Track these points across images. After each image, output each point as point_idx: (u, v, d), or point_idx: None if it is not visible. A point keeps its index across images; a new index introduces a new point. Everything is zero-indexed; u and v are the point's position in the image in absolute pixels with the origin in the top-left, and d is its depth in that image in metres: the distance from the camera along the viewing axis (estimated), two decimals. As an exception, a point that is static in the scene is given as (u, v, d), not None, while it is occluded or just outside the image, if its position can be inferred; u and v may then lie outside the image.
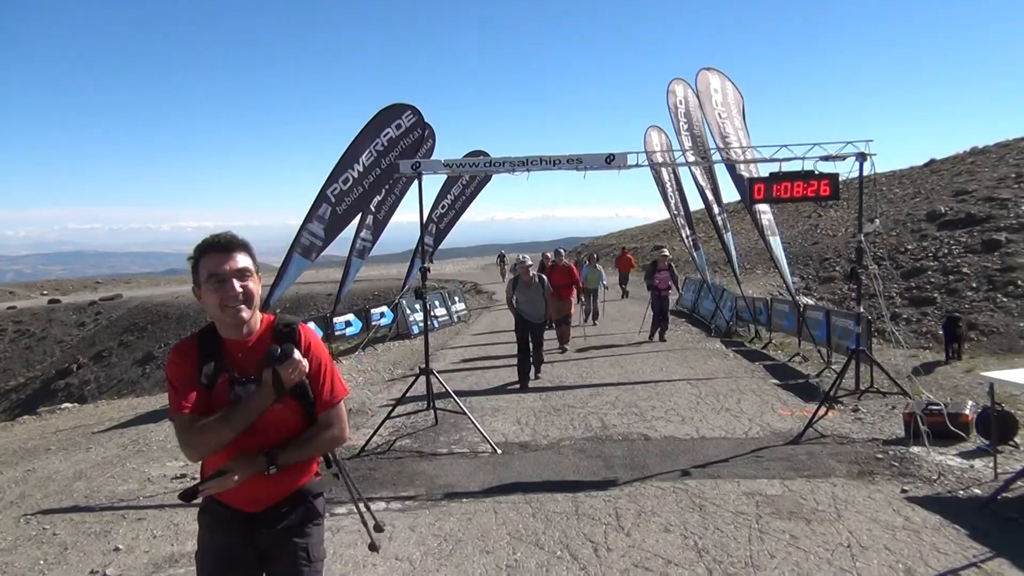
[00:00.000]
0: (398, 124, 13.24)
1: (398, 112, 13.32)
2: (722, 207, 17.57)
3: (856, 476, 6.84)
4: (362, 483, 7.25)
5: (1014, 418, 7.68)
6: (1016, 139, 39.38)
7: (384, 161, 13.11)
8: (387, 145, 13.15)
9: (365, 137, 13.04)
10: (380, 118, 13.21)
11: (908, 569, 4.82)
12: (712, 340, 16.82)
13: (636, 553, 5.24)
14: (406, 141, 13.32)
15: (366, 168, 13.00)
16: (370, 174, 13.10)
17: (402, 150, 13.20)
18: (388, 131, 13.14)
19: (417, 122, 13.44)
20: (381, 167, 13.15)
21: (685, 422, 9.14)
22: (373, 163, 13.06)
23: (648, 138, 18.20)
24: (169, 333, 34.21)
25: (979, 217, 29.23)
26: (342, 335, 17.39)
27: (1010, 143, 39.22)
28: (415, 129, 13.43)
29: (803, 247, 33.86)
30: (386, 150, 13.14)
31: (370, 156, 12.98)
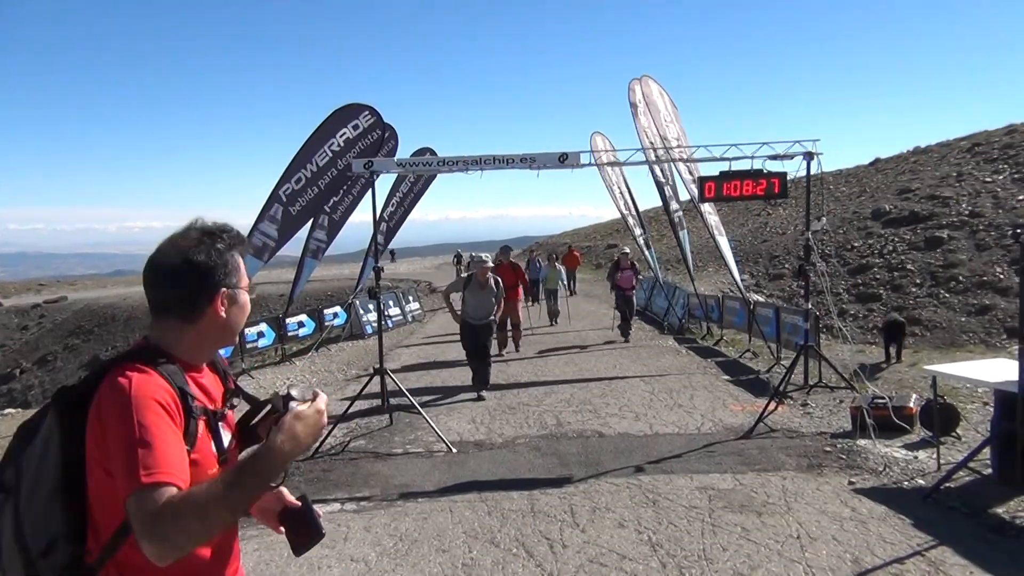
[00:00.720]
0: (355, 125, 13.13)
1: (355, 112, 13.19)
2: (680, 204, 17.80)
3: (805, 469, 6.97)
4: (316, 485, 7.20)
5: (956, 410, 7.90)
6: (957, 139, 40.43)
7: (340, 162, 12.99)
8: (343, 146, 13.02)
9: (320, 136, 12.91)
10: (336, 118, 13.08)
11: (855, 559, 4.93)
12: (665, 337, 17.00)
13: (591, 549, 5.28)
14: (364, 142, 13.19)
15: (320, 169, 12.87)
16: (325, 175, 12.96)
17: (361, 151, 13.06)
18: (344, 132, 13.01)
19: (376, 123, 13.34)
20: (338, 168, 13.01)
21: (639, 419, 9.23)
22: (328, 164, 12.93)
23: (593, 143, 18.40)
24: (117, 336, 33.50)
25: (922, 215, 29.95)
26: (295, 336, 17.21)
27: (951, 143, 40.24)
28: (374, 130, 13.33)
29: (753, 245, 34.38)
30: (343, 151, 13.01)
31: (324, 157, 12.85)
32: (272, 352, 16.46)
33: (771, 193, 8.95)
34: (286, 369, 14.90)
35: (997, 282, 24.38)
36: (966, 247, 26.87)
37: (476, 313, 10.75)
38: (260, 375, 14.26)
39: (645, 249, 20.27)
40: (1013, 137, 35.14)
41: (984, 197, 29.79)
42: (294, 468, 7.78)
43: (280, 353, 16.39)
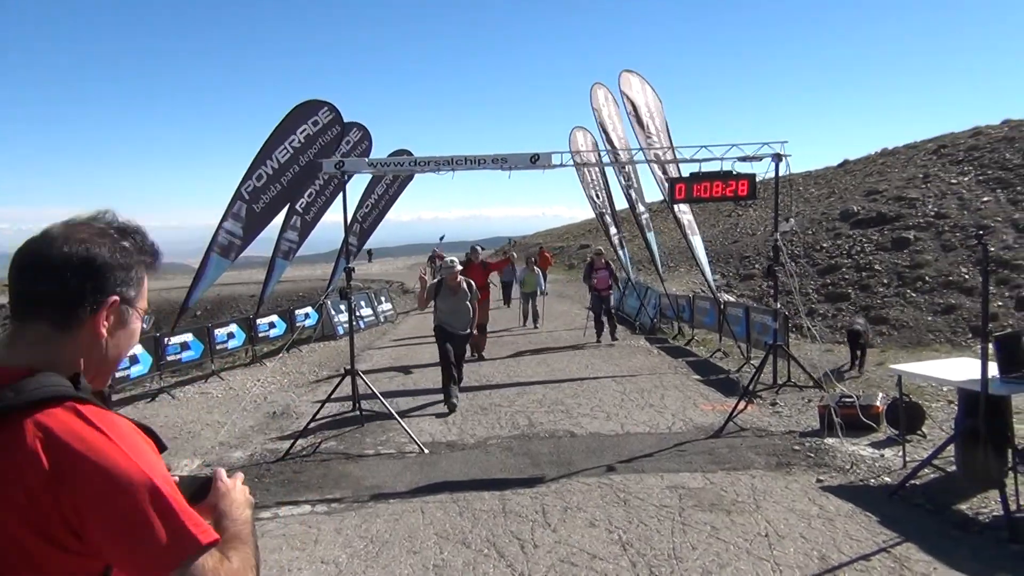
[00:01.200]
0: (315, 121, 13.19)
1: (314, 108, 13.26)
2: (645, 206, 17.90)
3: (774, 468, 7.04)
4: (287, 486, 7.16)
5: (921, 409, 8.02)
6: (923, 140, 41.04)
7: (302, 158, 13.05)
8: (304, 142, 13.08)
9: (280, 134, 12.93)
10: (296, 114, 13.13)
11: (822, 556, 5.00)
12: (637, 337, 17.08)
13: (562, 548, 5.30)
14: (324, 138, 13.29)
15: (282, 165, 12.88)
16: (287, 171, 12.99)
17: (321, 147, 13.15)
18: (305, 128, 13.07)
19: (335, 119, 13.41)
20: (299, 164, 13.06)
21: (610, 418, 9.27)
22: (290, 160, 12.96)
23: (573, 138, 18.41)
24: (84, 337, 33.02)
25: (889, 216, 30.37)
26: (265, 336, 17.08)
27: (918, 144, 40.85)
28: (333, 126, 13.40)
29: (724, 245, 34.67)
30: (303, 147, 13.07)
31: (285, 153, 12.87)
32: (243, 353, 16.32)
33: (740, 195, 9.02)
34: (257, 370, 14.79)
35: (962, 282, 24.79)
36: (932, 248, 27.29)
37: (452, 320, 10.17)
38: (230, 376, 14.14)
39: (618, 248, 20.34)
40: (978, 139, 35.73)
41: (950, 198, 30.26)
42: (264, 470, 7.74)
43: (251, 354, 16.26)
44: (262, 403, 11.34)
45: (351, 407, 9.60)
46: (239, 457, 8.34)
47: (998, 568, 4.75)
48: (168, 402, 11.97)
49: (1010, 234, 26.63)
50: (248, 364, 15.73)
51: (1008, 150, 32.78)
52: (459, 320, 10.21)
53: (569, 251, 49.06)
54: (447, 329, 10.16)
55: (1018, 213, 27.88)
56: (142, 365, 12.26)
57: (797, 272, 11.66)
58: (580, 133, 18.88)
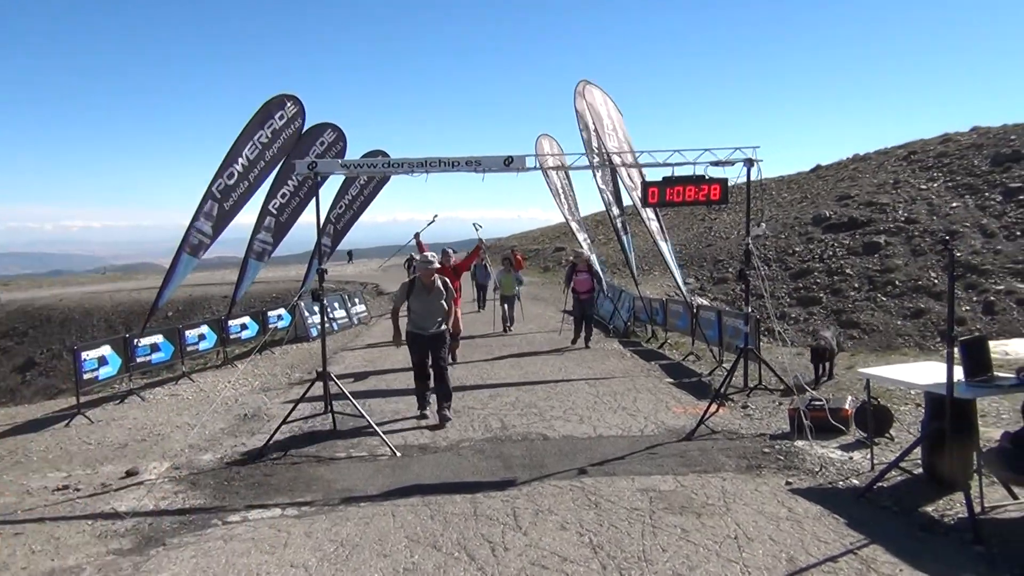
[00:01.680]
0: (281, 115, 13.29)
1: (280, 103, 13.33)
2: (622, 210, 17.96)
3: (744, 470, 7.09)
4: (257, 489, 7.10)
5: (889, 412, 8.12)
6: (894, 147, 41.60)
7: (267, 153, 13.15)
8: (271, 137, 13.15)
9: (249, 130, 12.95)
10: (265, 110, 13.18)
11: (790, 558, 5.03)
12: (610, 340, 17.12)
13: (533, 552, 5.30)
14: (288, 132, 13.37)
15: (250, 161, 12.89)
16: (255, 167, 13.01)
17: (285, 140, 13.25)
18: (271, 123, 13.16)
19: (299, 112, 13.51)
20: (265, 159, 13.15)
21: (583, 421, 9.29)
22: (257, 156, 13.00)
23: (539, 146, 18.47)
24: (52, 338, 32.57)
25: (861, 221, 30.73)
26: (237, 338, 16.93)
27: (889, 151, 41.39)
28: (296, 119, 13.51)
29: (698, 249, 34.91)
30: (270, 142, 13.15)
31: (253, 149, 12.89)
32: (214, 355, 16.18)
33: (712, 199, 9.07)
34: (228, 372, 14.67)
35: (931, 287, 25.16)
36: (902, 252, 27.66)
37: (424, 322, 9.32)
38: (201, 378, 14.02)
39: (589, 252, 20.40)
40: (947, 146, 36.25)
41: (919, 204, 30.68)
42: (234, 473, 7.67)
43: (222, 356, 16.12)
44: (233, 405, 11.24)
45: (323, 410, 9.55)
46: (208, 460, 8.26)
47: (962, 569, 4.81)
48: (137, 404, 11.84)
49: (978, 239, 27.04)
50: (219, 366, 15.60)
51: (976, 157, 33.29)
52: (432, 321, 9.35)
53: (544, 253, 49.13)
54: (420, 335, 9.34)
55: (986, 219, 28.33)
56: (111, 367, 12.11)
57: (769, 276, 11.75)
58: (546, 140, 18.98)
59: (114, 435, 9.81)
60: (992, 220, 27.64)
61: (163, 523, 6.29)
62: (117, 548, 5.78)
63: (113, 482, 7.61)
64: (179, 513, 6.54)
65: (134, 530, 6.16)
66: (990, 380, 6.14)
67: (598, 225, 42.41)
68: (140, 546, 5.80)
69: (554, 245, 50.60)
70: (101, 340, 13.26)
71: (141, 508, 6.69)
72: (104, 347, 12.15)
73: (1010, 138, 33.27)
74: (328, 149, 15.37)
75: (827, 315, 25.55)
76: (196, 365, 15.48)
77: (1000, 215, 27.82)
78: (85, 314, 34.09)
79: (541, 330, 19.15)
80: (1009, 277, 24.55)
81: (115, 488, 7.41)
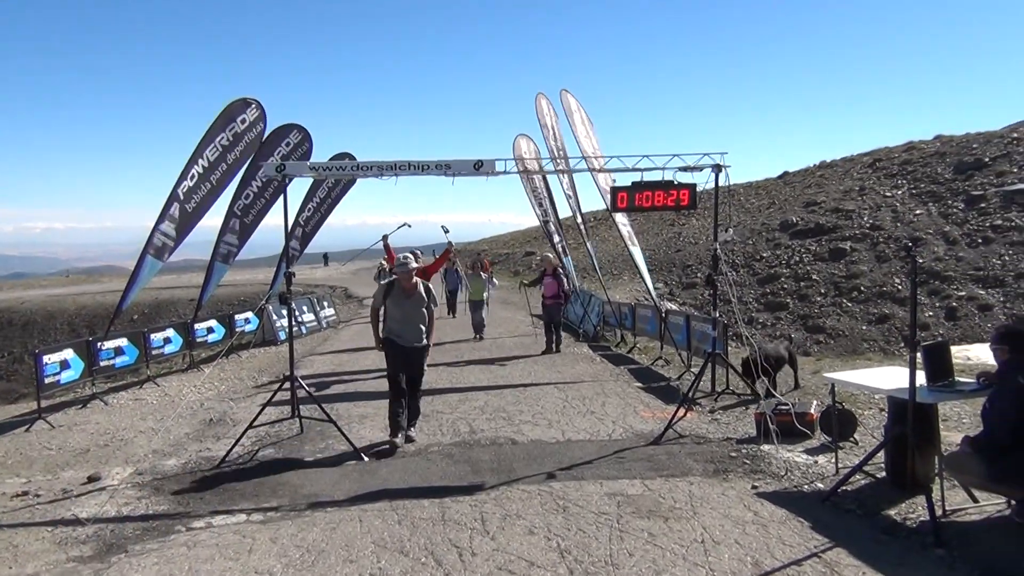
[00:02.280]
0: (243, 118, 13.28)
1: (243, 107, 13.30)
2: (583, 216, 18.04)
3: (711, 474, 7.13)
4: (222, 495, 7.02)
5: (853, 416, 8.21)
6: (859, 154, 42.20)
7: (229, 156, 13.13)
8: (232, 140, 13.14)
9: (212, 133, 12.90)
10: (227, 113, 13.14)
11: (756, 562, 5.07)
12: (580, 345, 17.16)
13: (500, 556, 5.28)
14: (250, 135, 13.36)
15: (211, 163, 12.86)
16: (216, 169, 13.01)
17: (246, 144, 13.23)
18: (233, 125, 13.14)
19: (259, 116, 13.50)
20: (227, 162, 13.15)
21: (552, 426, 9.29)
22: (218, 158, 12.99)
23: (516, 145, 18.47)
24: (13, 341, 31.98)
25: (827, 227, 31.12)
26: (203, 342, 16.73)
27: (854, 158, 41.99)
28: (258, 123, 13.51)
29: (667, 254, 35.12)
30: (231, 144, 13.13)
31: (215, 151, 12.85)
32: (180, 359, 15.98)
33: (681, 204, 9.13)
34: (194, 376, 14.50)
35: (895, 292, 25.53)
36: (867, 259, 28.05)
37: (404, 331, 8.46)
38: (166, 382, 13.84)
39: (562, 255, 20.43)
40: (911, 154, 36.84)
41: (884, 211, 31.14)
42: (199, 479, 7.58)
43: (188, 360, 15.93)
44: (198, 410, 11.11)
45: (290, 414, 9.46)
46: (173, 465, 8.15)
47: (923, 572, 4.87)
48: (100, 408, 11.67)
49: (941, 246, 27.48)
50: (185, 370, 15.42)
51: (940, 165, 33.85)
52: (412, 331, 8.50)
53: (515, 258, 49.16)
54: (397, 342, 8.47)
55: (948, 226, 28.80)
56: (73, 371, 11.91)
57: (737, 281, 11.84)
58: (524, 141, 18.95)
59: (76, 440, 9.65)
60: (954, 227, 28.13)
61: (125, 529, 6.19)
62: (78, 555, 5.68)
63: (74, 488, 7.48)
64: (142, 519, 6.44)
65: (95, 537, 6.06)
66: (952, 385, 6.25)
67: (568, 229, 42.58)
68: (101, 553, 5.70)
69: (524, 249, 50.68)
70: (63, 343, 13.06)
71: (103, 514, 6.58)
72: (66, 351, 11.96)
73: (972, 147, 33.89)
74: (294, 150, 15.29)
75: (793, 320, 25.84)
76: (161, 369, 15.29)
77: (962, 222, 28.32)
78: (48, 317, 33.51)
79: (511, 335, 19.15)
80: (971, 283, 24.99)
81: (76, 494, 7.28)
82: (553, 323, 15.94)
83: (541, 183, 19.81)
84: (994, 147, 32.89)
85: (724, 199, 9.26)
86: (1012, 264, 25.29)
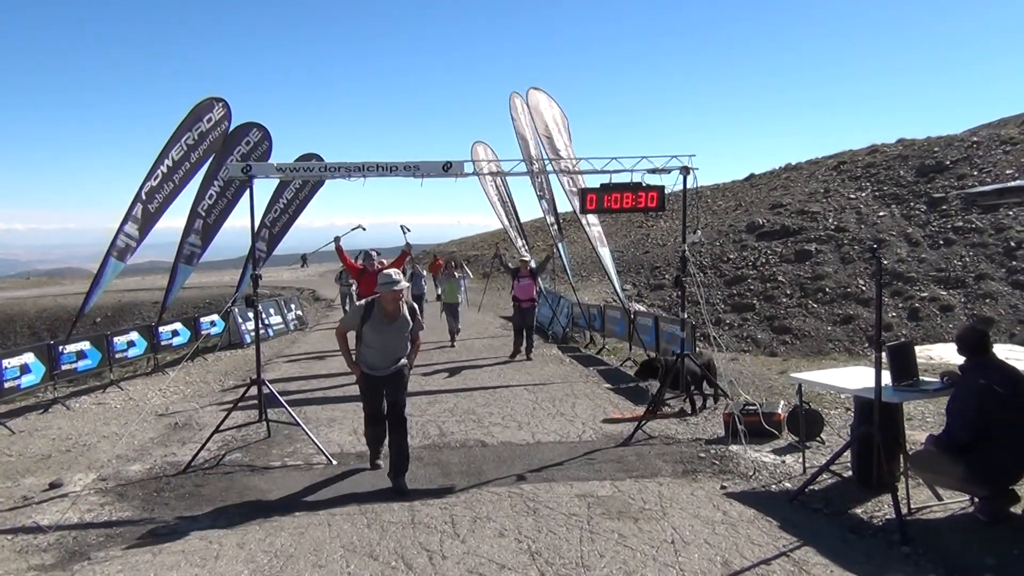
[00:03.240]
0: (209, 118, 13.19)
1: (209, 106, 13.22)
2: (557, 216, 18.03)
3: (681, 475, 7.17)
4: (187, 500, 6.91)
5: (820, 416, 8.31)
6: (824, 157, 42.71)
7: (193, 155, 13.04)
8: (197, 139, 13.06)
9: (179, 133, 12.78)
10: (194, 113, 13.03)
11: (725, 561, 5.10)
12: (549, 346, 17.17)
13: (471, 559, 5.26)
14: (214, 135, 13.27)
15: (175, 163, 12.74)
16: (179, 168, 12.89)
17: (210, 143, 13.14)
18: (199, 125, 13.05)
19: (225, 115, 13.43)
20: (190, 161, 13.05)
21: (522, 427, 9.28)
22: (182, 157, 12.87)
23: (474, 152, 18.48)
24: (-29, 345, 31.33)
25: (793, 229, 31.46)
26: (168, 345, 16.50)
27: (819, 160, 42.50)
28: (223, 122, 13.43)
29: (635, 256, 35.29)
30: (196, 144, 13.04)
31: (180, 151, 12.73)
32: (144, 362, 15.74)
33: (649, 206, 9.16)
34: (158, 379, 14.28)
35: (860, 294, 25.88)
36: (832, 260, 28.40)
37: (380, 361, 7.07)
38: (130, 386, 13.61)
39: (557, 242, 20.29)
40: (875, 157, 37.35)
41: (849, 213, 31.54)
42: (164, 484, 7.46)
43: (152, 363, 15.70)
44: (163, 414, 10.94)
45: (257, 417, 9.35)
46: (137, 471, 8.01)
47: (889, 569, 4.93)
48: (62, 413, 11.44)
49: (903, 247, 27.90)
50: (149, 373, 15.18)
51: (902, 167, 34.36)
52: (388, 358, 7.08)
53: (483, 259, 49.09)
54: (373, 375, 7.12)
55: (911, 228, 29.26)
56: (34, 375, 11.67)
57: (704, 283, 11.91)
58: (481, 147, 19.02)
59: (36, 446, 9.45)
60: (917, 229, 28.59)
61: (88, 536, 6.07)
62: (39, 563, 5.56)
63: (35, 495, 7.32)
64: (105, 526, 6.32)
65: (57, 544, 5.93)
66: (916, 384, 6.34)
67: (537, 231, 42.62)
68: (64, 561, 5.58)
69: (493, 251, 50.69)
70: (23, 347, 12.79)
71: (65, 521, 6.44)
72: (26, 354, 11.72)
73: (934, 150, 34.45)
74: (253, 149, 15.12)
75: (760, 321, 26.09)
76: (125, 373, 15.03)
77: (924, 224, 28.80)
78: (7, 320, 32.83)
79: (480, 336, 19.11)
80: (933, 284, 25.42)
81: (37, 501, 7.13)
82: (526, 327, 15.17)
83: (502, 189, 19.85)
84: (955, 150, 33.47)
85: (692, 201, 9.31)
86: (972, 265, 25.76)
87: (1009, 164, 30.38)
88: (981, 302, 24.14)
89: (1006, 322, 23.09)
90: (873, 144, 39.88)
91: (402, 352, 7.17)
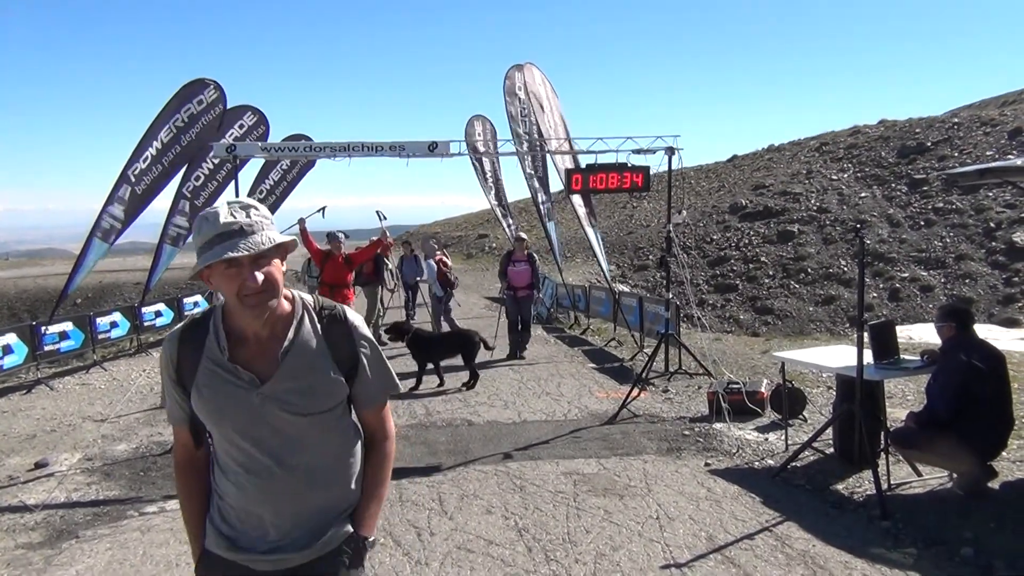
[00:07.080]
0: (200, 100, 12.90)
1: (200, 88, 12.95)
2: (548, 196, 17.98)
3: (665, 452, 7.25)
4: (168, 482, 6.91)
5: (803, 394, 8.41)
6: (807, 138, 42.85)
7: (184, 138, 12.79)
8: (187, 121, 12.79)
9: (166, 113, 12.56)
10: (182, 93, 12.79)
11: (710, 536, 5.18)
12: (534, 327, 17.18)
13: (459, 536, 5.31)
14: (207, 117, 13.02)
15: (165, 145, 12.52)
16: (169, 151, 12.66)
17: (203, 126, 12.88)
18: (189, 107, 12.78)
19: (218, 98, 13.16)
20: (181, 144, 12.80)
21: (507, 407, 9.34)
22: (172, 140, 12.65)
23: (470, 126, 18.32)
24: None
25: (775, 210, 31.60)
26: (151, 325, 16.43)
27: (801, 142, 42.63)
28: (216, 105, 13.15)
29: (620, 236, 35.35)
30: (186, 126, 12.78)
31: (169, 133, 12.50)
32: (127, 342, 15.67)
33: (635, 186, 9.20)
34: (142, 359, 14.24)
35: (841, 274, 26.08)
36: (814, 241, 28.58)
37: (257, 524, 2.95)
38: (114, 366, 13.56)
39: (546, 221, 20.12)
40: (857, 138, 37.52)
41: (831, 194, 31.72)
42: (150, 463, 7.46)
43: (136, 343, 15.63)
44: (148, 394, 10.91)
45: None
46: (123, 450, 8.01)
47: (870, 543, 5.02)
48: (46, 393, 11.39)
49: (885, 228, 28.10)
50: (133, 353, 15.12)
51: (884, 148, 34.54)
52: (290, 512, 2.49)
53: (467, 240, 49.02)
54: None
55: (892, 208, 29.46)
56: (16, 355, 11.61)
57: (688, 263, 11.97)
58: (478, 122, 18.80)
59: (21, 426, 9.42)
60: (898, 210, 28.81)
61: (76, 515, 6.08)
62: (27, 542, 5.57)
63: (21, 475, 7.31)
64: (93, 505, 6.33)
65: (44, 523, 5.94)
66: (897, 363, 6.44)
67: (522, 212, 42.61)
68: (51, 539, 5.59)
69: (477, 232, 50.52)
70: (5, 328, 12.70)
71: (52, 500, 6.44)
72: (9, 335, 11.65)
73: (915, 131, 34.66)
74: (248, 133, 15.00)
75: (743, 301, 26.27)
76: (108, 353, 14.97)
77: (905, 205, 29.02)
78: (-3, 306, 32.55)
79: (465, 316, 19.11)
80: (913, 265, 25.65)
81: (23, 480, 7.12)
82: (522, 319, 12.94)
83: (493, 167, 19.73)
84: (936, 132, 33.68)
85: (677, 182, 9.36)
86: (952, 246, 26.01)
87: (989, 145, 30.63)
88: (961, 282, 24.40)
89: (985, 302, 23.36)
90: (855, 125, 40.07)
91: (332, 481, 2.36)
